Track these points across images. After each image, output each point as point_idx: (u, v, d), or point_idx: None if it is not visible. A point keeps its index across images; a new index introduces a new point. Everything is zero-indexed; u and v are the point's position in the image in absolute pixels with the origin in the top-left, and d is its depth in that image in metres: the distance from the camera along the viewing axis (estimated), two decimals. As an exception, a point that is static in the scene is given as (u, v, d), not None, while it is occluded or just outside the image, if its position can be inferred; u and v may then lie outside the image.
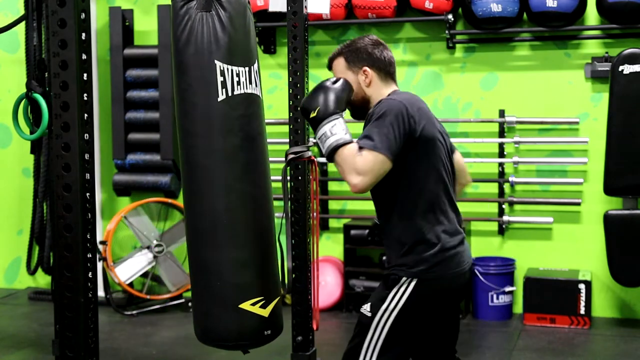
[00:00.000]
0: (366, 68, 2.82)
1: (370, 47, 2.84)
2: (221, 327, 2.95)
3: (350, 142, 2.64)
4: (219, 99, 2.88)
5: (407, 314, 2.69)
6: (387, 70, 2.86)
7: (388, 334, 2.69)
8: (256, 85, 2.95)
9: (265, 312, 2.90)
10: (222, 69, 2.86)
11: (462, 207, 5.76)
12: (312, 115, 2.73)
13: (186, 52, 2.93)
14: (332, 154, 2.65)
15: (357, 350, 2.72)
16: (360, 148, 2.60)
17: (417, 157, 2.68)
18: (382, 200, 2.78)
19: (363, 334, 2.72)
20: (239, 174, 2.91)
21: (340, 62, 2.86)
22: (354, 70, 2.83)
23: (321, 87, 2.77)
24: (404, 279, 2.70)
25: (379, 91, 2.83)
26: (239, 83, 2.89)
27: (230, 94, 2.88)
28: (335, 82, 2.79)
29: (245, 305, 2.88)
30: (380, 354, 2.69)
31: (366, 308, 2.75)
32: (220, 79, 2.86)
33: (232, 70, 2.88)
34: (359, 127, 2.86)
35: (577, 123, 5.38)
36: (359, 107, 2.86)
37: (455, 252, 2.73)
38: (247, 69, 2.91)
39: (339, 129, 2.66)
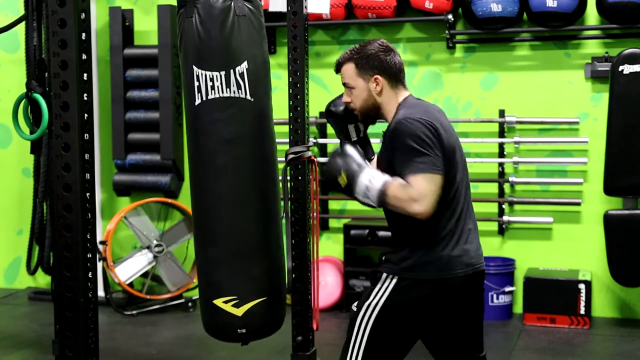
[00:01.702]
0: (377, 76, 2.79)
1: (382, 54, 2.80)
2: (205, 320, 3.15)
3: (392, 180, 2.61)
4: (196, 103, 2.97)
5: (389, 310, 2.69)
6: (397, 77, 2.83)
7: (372, 329, 2.70)
8: (239, 88, 2.95)
9: (239, 312, 2.97)
10: (197, 74, 2.94)
11: (462, 207, 5.71)
12: (342, 183, 2.68)
13: (179, 58, 3.09)
14: (382, 198, 2.61)
15: (347, 346, 2.75)
16: (407, 175, 2.58)
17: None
18: None
19: (351, 330, 2.75)
20: (213, 176, 2.98)
21: (350, 68, 2.82)
22: (365, 77, 2.80)
23: (332, 157, 2.74)
24: (385, 275, 2.72)
25: (389, 98, 2.81)
26: (212, 87, 2.92)
27: (204, 99, 2.94)
28: (341, 146, 2.75)
29: (218, 302, 2.99)
30: (365, 349, 2.70)
31: (355, 304, 2.78)
32: (196, 83, 2.94)
33: (205, 75, 2.93)
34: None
35: (577, 123, 5.38)
36: (369, 114, 2.84)
37: (445, 258, 2.68)
38: (223, 73, 2.93)
39: (374, 174, 2.64)
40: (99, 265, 5.60)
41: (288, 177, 3.77)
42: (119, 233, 6.08)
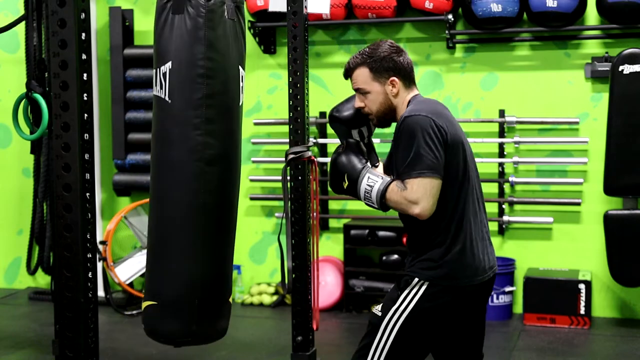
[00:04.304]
0: (394, 78, 2.75)
1: (395, 55, 2.76)
2: None
3: (390, 182, 2.64)
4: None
5: (417, 316, 2.67)
6: (410, 77, 2.81)
7: (397, 335, 2.67)
8: (161, 87, 2.95)
9: (142, 307, 3.09)
10: None
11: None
12: (345, 185, 2.75)
13: None
14: (382, 202, 2.66)
15: (367, 350, 2.71)
16: (404, 180, 2.60)
17: (449, 164, 2.65)
18: None
19: (373, 334, 2.71)
20: (151, 174, 3.06)
21: (363, 73, 2.77)
22: (381, 81, 2.76)
23: (334, 161, 2.80)
24: (416, 280, 2.68)
25: (404, 99, 2.79)
26: (152, 85, 3.00)
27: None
28: (339, 148, 2.82)
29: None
30: (388, 355, 2.67)
31: (378, 308, 2.75)
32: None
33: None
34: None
35: (577, 123, 5.38)
36: (386, 117, 2.81)
37: (473, 260, 2.70)
38: (154, 71, 2.97)
39: (373, 177, 2.69)
40: (99, 265, 5.60)
41: (288, 177, 3.77)
42: (119, 233, 6.08)
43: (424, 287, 2.67)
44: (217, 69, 2.94)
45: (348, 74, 2.82)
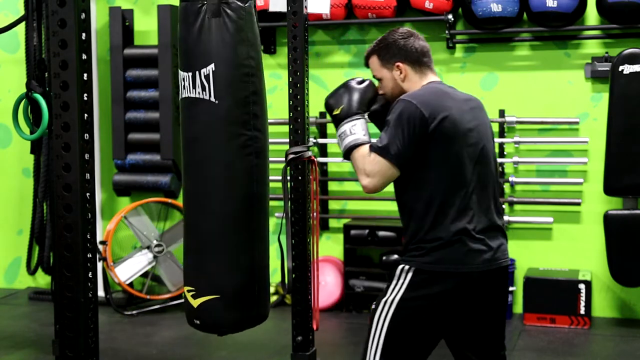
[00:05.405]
0: (399, 63, 2.84)
1: (402, 41, 2.85)
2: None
3: (366, 143, 2.73)
4: (179, 99, 3.15)
5: (406, 305, 2.65)
6: (420, 61, 2.87)
7: (389, 328, 2.66)
8: (203, 89, 3.01)
9: (195, 303, 3.07)
10: (179, 73, 3.10)
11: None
12: (336, 112, 2.84)
13: None
14: (348, 152, 2.77)
15: (365, 346, 2.71)
16: (373, 150, 2.68)
17: (434, 153, 2.65)
18: (401, 192, 2.78)
19: (369, 328, 2.71)
20: (184, 172, 3.13)
21: (374, 61, 2.89)
22: (388, 67, 2.86)
23: (347, 86, 2.88)
24: (402, 267, 2.69)
25: (414, 83, 2.84)
26: (184, 87, 3.06)
27: (180, 97, 3.10)
28: (360, 83, 2.88)
29: (185, 289, 3.13)
30: (384, 349, 2.66)
31: (374, 302, 2.76)
32: (179, 82, 3.11)
33: (181, 75, 3.08)
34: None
35: (577, 123, 5.38)
36: None
37: (465, 250, 2.65)
38: (190, 74, 3.03)
39: (358, 129, 2.77)
40: (99, 265, 5.60)
41: (288, 177, 3.76)
42: (119, 233, 6.08)
43: (409, 275, 2.67)
44: (257, 66, 3.09)
45: (366, 63, 2.95)
